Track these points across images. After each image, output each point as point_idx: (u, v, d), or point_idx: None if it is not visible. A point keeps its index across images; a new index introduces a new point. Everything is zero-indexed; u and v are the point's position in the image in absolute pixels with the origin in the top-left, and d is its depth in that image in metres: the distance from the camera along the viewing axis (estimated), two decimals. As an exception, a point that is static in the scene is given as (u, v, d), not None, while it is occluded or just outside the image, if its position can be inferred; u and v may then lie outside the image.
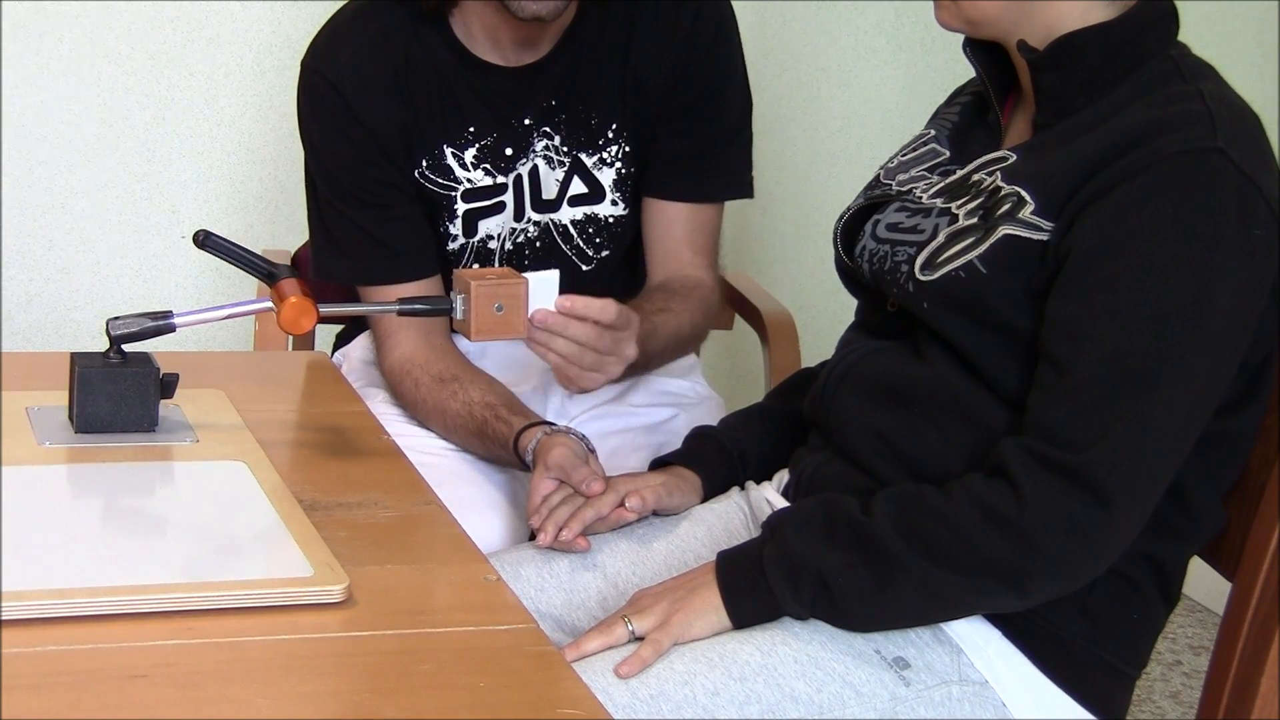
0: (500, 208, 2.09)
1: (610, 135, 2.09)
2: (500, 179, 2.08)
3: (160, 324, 1.68)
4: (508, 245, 2.11)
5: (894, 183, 1.76)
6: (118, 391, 1.68)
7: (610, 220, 2.12)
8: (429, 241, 2.09)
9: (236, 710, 1.19)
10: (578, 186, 2.10)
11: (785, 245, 3.46)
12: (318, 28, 2.11)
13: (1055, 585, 1.52)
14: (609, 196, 2.11)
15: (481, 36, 2.04)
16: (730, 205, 2.21)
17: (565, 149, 2.08)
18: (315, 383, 2.04)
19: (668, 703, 1.53)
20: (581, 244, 2.12)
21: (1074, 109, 1.62)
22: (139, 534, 1.53)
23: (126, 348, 1.70)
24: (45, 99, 3.04)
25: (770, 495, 1.79)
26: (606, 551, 1.79)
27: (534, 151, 2.08)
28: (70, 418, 1.70)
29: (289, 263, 2.17)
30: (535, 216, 2.10)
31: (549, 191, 2.10)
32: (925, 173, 1.74)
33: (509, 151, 2.07)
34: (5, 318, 3.09)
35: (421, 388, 2.06)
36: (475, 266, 2.11)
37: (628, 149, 2.10)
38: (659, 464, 1.87)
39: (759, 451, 1.87)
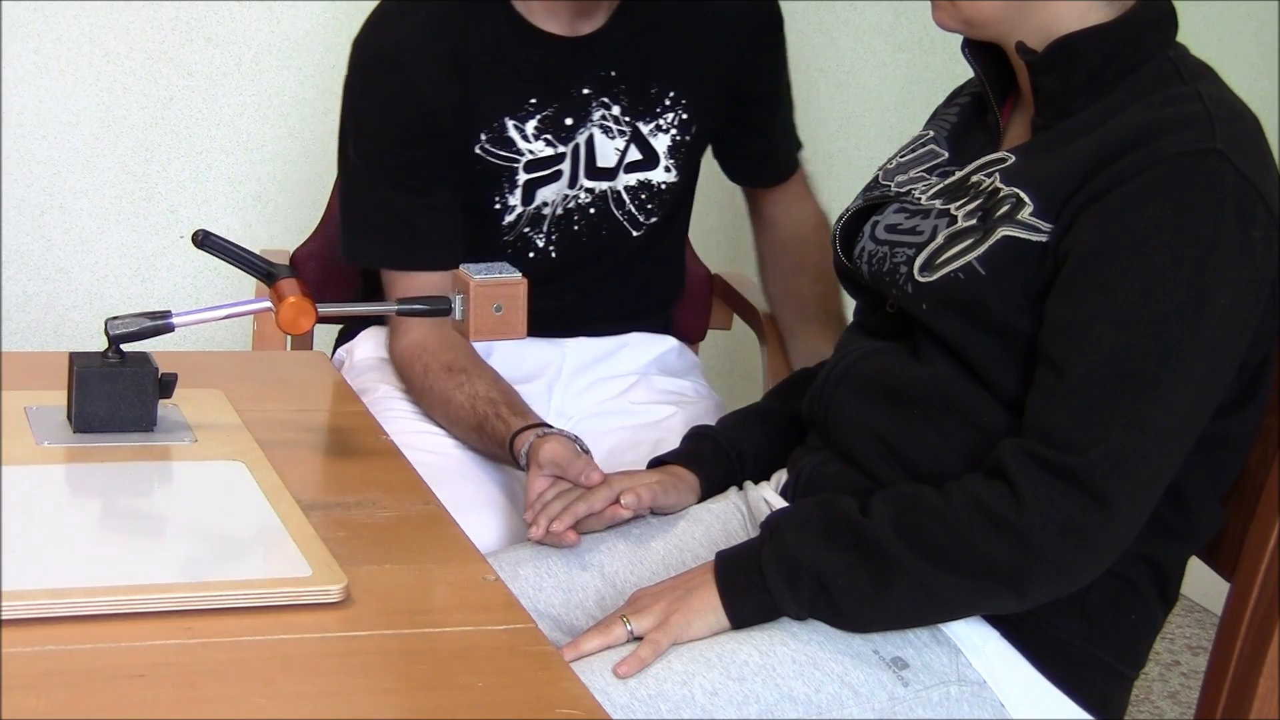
0: (558, 176, 2.12)
1: (668, 103, 2.13)
2: (560, 149, 2.11)
3: (159, 324, 1.68)
4: (559, 210, 2.13)
5: (893, 184, 1.76)
6: (116, 391, 1.68)
7: (663, 186, 2.17)
8: (459, 233, 2.10)
9: (235, 710, 1.19)
10: (633, 154, 2.14)
11: (784, 245, 3.44)
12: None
13: (1054, 587, 1.52)
14: (663, 163, 2.15)
15: (539, 7, 2.07)
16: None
17: (625, 119, 2.11)
18: (314, 383, 2.04)
19: (666, 703, 1.53)
20: (634, 210, 2.16)
21: (1072, 110, 1.61)
22: (138, 534, 1.53)
23: (125, 347, 1.69)
24: (44, 99, 3.04)
25: (768, 495, 1.79)
26: (604, 551, 1.79)
27: (591, 120, 2.11)
28: (69, 417, 1.70)
29: (288, 262, 2.17)
30: (588, 184, 2.13)
31: (606, 159, 2.13)
32: (924, 174, 1.74)
33: (569, 121, 2.10)
34: (4, 317, 3.09)
35: (430, 374, 2.07)
36: (527, 231, 2.13)
37: (685, 116, 2.14)
38: (656, 463, 1.87)
39: (757, 451, 1.87)
